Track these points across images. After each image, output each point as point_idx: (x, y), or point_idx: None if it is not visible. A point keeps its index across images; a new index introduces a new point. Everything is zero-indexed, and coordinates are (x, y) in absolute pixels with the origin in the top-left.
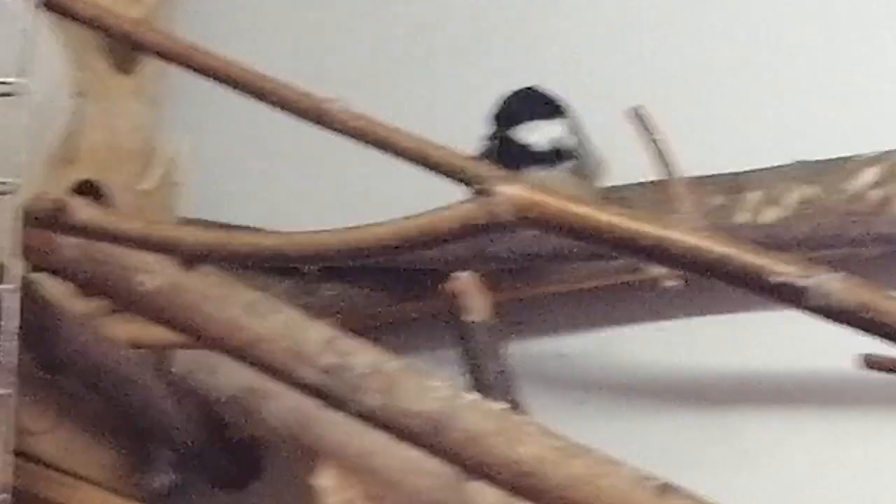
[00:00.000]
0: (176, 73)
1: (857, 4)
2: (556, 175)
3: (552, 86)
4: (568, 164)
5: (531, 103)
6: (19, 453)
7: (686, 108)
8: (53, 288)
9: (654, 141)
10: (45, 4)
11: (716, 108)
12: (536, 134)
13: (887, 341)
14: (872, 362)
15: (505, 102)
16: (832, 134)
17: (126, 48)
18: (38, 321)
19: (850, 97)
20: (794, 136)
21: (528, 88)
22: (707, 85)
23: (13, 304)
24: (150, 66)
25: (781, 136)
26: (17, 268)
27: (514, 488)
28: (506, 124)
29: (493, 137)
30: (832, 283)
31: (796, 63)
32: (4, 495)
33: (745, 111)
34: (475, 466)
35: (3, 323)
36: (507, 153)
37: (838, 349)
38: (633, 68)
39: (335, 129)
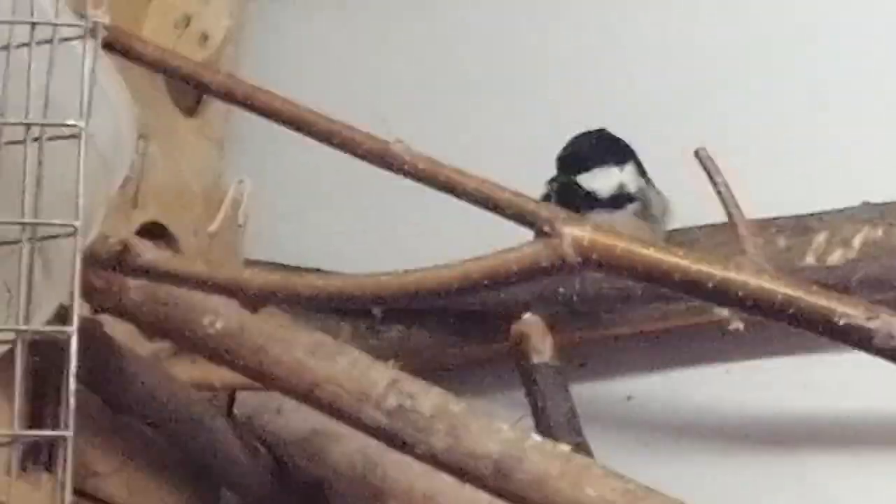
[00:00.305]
0: (240, 114)
1: None
2: (620, 217)
3: (617, 127)
4: (632, 207)
5: (597, 148)
6: (85, 494)
7: (752, 150)
8: (119, 330)
9: (717, 183)
10: (108, 46)
11: (782, 149)
12: (601, 180)
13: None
14: None
15: (571, 146)
16: None
17: (191, 90)
18: (104, 363)
19: None
20: (860, 177)
21: (594, 132)
22: (773, 126)
23: (74, 345)
24: (215, 108)
25: (847, 178)
26: (79, 310)
27: None
28: (571, 170)
29: (558, 182)
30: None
31: (863, 104)
32: None
33: (811, 152)
34: None
35: (63, 365)
36: (571, 198)
37: None
38: (698, 110)
39: (399, 171)
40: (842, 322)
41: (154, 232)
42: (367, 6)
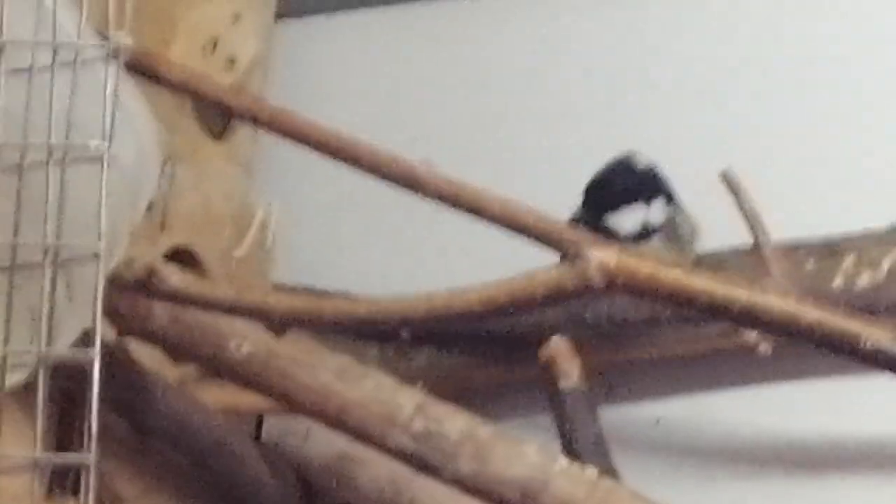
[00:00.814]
0: (267, 138)
1: None
2: (646, 247)
3: (645, 149)
4: (658, 236)
5: (626, 183)
6: None
7: (780, 172)
8: (145, 353)
9: (744, 204)
10: (132, 68)
11: (810, 170)
12: (628, 220)
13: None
14: None
15: (600, 179)
16: None
17: (217, 113)
18: (130, 386)
19: None
20: (888, 199)
21: (624, 160)
22: (801, 148)
23: (97, 369)
24: (242, 132)
25: (875, 200)
26: (103, 333)
27: None
28: (600, 208)
29: (584, 220)
30: None
31: (891, 127)
32: None
33: (839, 174)
34: None
35: (87, 389)
36: (596, 232)
37: None
38: (726, 132)
39: (426, 194)
40: (868, 345)
41: (181, 256)
42: (392, 29)
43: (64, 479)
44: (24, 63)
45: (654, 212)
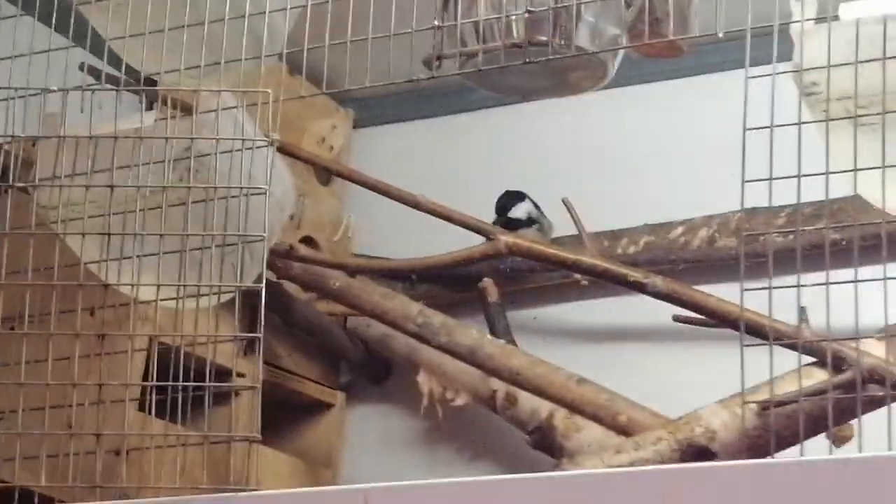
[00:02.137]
0: (352, 186)
1: None
2: (529, 232)
3: (530, 189)
4: (535, 227)
5: (515, 196)
6: (271, 364)
7: (592, 200)
8: (290, 287)
9: (573, 215)
10: (281, 150)
11: (606, 199)
12: (519, 211)
13: (692, 312)
14: (681, 318)
15: (503, 196)
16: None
17: (324, 172)
18: (282, 302)
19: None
20: (650, 211)
21: (509, 191)
22: (603, 188)
23: (263, 294)
24: (339, 182)
25: (641, 211)
26: (266, 276)
27: (511, 381)
28: (505, 209)
29: (499, 214)
30: (658, 280)
31: (668, 175)
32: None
33: (622, 199)
34: (494, 371)
35: (258, 303)
36: (505, 225)
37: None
38: (568, 180)
39: (426, 212)
40: (632, 279)
41: (307, 240)
42: (425, 133)
43: (250, 346)
44: (227, 147)
45: (529, 206)
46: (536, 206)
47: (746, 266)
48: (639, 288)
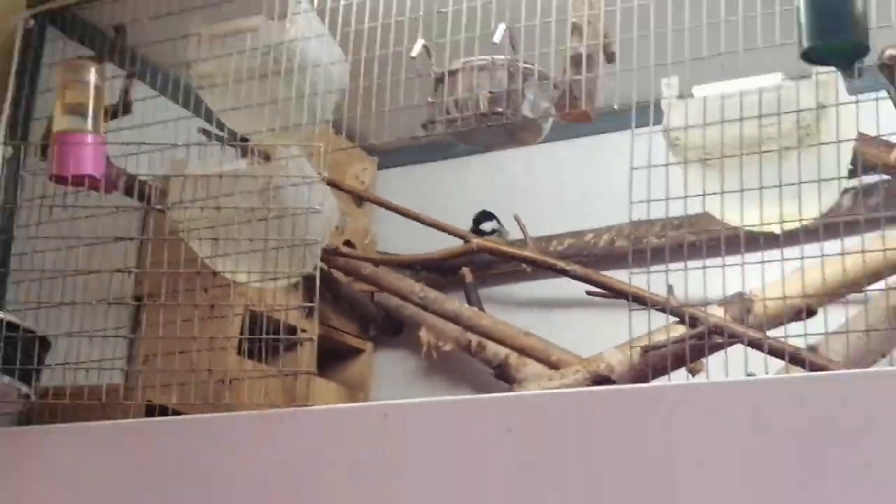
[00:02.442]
0: (377, 208)
1: None
2: (493, 238)
3: (494, 208)
4: (497, 234)
5: (484, 214)
6: (323, 323)
7: (536, 216)
8: (336, 274)
9: (522, 227)
10: (329, 184)
11: (546, 216)
12: (487, 224)
13: (599, 289)
14: (592, 293)
15: (477, 214)
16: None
17: (359, 199)
18: (330, 283)
19: None
20: (573, 221)
21: (483, 211)
22: (541, 208)
23: (318, 278)
24: (368, 205)
25: (566, 222)
26: (319, 267)
27: (481, 334)
28: (478, 222)
29: (474, 225)
30: (577, 268)
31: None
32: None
33: (553, 215)
34: (470, 328)
35: (313, 285)
36: (478, 233)
37: None
38: (521, 204)
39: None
40: (559, 267)
41: (347, 243)
42: (436, 168)
43: (309, 312)
44: (295, 182)
45: (494, 224)
46: (498, 221)
47: (633, 258)
48: (564, 273)
